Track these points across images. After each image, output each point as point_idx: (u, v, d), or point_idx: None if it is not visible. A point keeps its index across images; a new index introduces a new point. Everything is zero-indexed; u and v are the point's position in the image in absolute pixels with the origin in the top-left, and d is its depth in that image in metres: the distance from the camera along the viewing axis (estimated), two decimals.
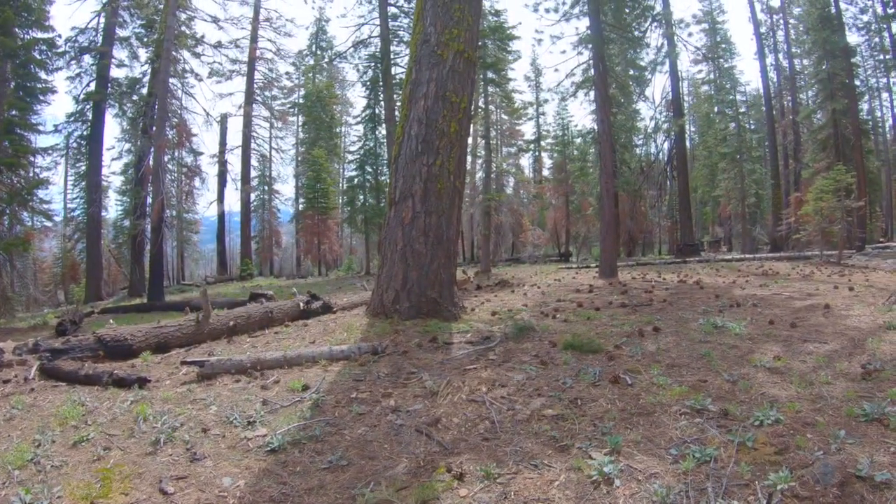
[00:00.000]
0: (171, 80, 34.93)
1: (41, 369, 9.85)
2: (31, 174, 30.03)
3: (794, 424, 5.35)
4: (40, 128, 30.34)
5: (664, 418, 5.73)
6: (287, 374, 8.18)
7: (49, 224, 39.41)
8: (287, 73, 53.71)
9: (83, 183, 45.34)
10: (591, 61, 28.62)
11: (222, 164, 48.75)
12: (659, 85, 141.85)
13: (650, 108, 47.16)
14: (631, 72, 34.93)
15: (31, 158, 29.87)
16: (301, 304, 13.68)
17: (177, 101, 38.23)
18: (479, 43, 24.20)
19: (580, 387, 6.67)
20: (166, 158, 34.79)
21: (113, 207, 52.83)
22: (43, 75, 30.16)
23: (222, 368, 8.41)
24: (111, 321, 13.62)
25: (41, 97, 30.01)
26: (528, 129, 60.50)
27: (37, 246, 41.06)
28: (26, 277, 31.95)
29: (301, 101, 56.60)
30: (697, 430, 5.38)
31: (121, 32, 39.55)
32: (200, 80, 40.74)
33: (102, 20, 38.07)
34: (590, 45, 27.88)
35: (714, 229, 64.48)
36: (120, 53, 40.19)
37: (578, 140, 54.70)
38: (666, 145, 46.94)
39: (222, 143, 49.87)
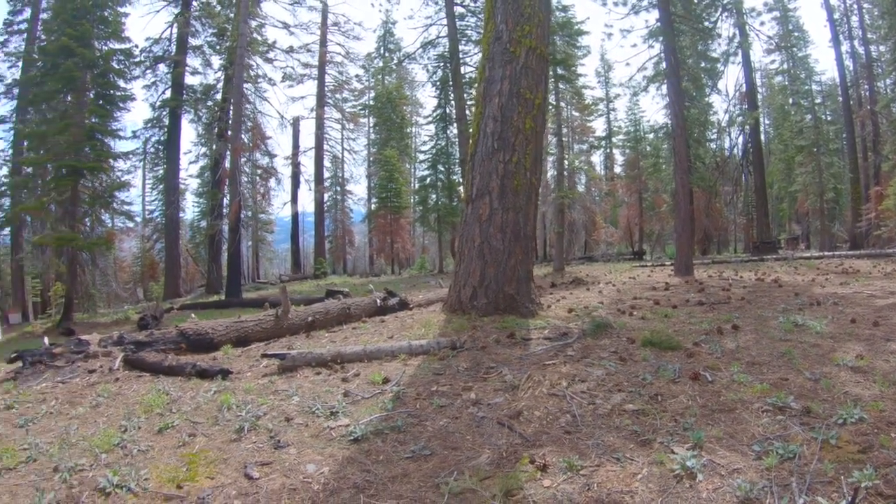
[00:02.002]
0: (245, 85, 35.58)
1: (125, 360, 10.22)
2: (112, 178, 31.04)
3: (878, 423, 5.19)
4: (120, 133, 31.32)
5: (745, 415, 5.62)
6: (367, 367, 8.26)
7: (131, 224, 41.00)
8: (357, 76, 54.17)
9: (161, 186, 46.71)
10: (662, 54, 28.27)
11: (295, 166, 49.44)
12: (731, 77, 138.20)
13: (724, 100, 46.28)
14: (702, 64, 34.36)
15: (112, 163, 30.94)
16: (378, 301, 13.78)
17: (251, 105, 38.95)
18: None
19: (660, 383, 6.59)
20: (242, 161, 35.38)
21: (190, 209, 54.31)
22: (122, 84, 31.23)
23: (303, 361, 8.56)
24: (192, 315, 13.94)
25: (121, 104, 31.06)
26: (598, 126, 59.97)
27: (117, 246, 42.46)
28: (108, 275, 32.96)
29: (371, 102, 57.16)
30: (780, 427, 5.27)
31: (193, 41, 40.93)
32: (273, 84, 41.62)
33: (175, 30, 39.39)
34: (660, 38, 27.51)
35: (791, 226, 62.93)
36: (193, 61, 41.67)
37: (651, 135, 53.74)
38: (740, 139, 46.05)
39: (295, 145, 50.68)
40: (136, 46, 35.85)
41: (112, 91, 29.42)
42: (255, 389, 7.58)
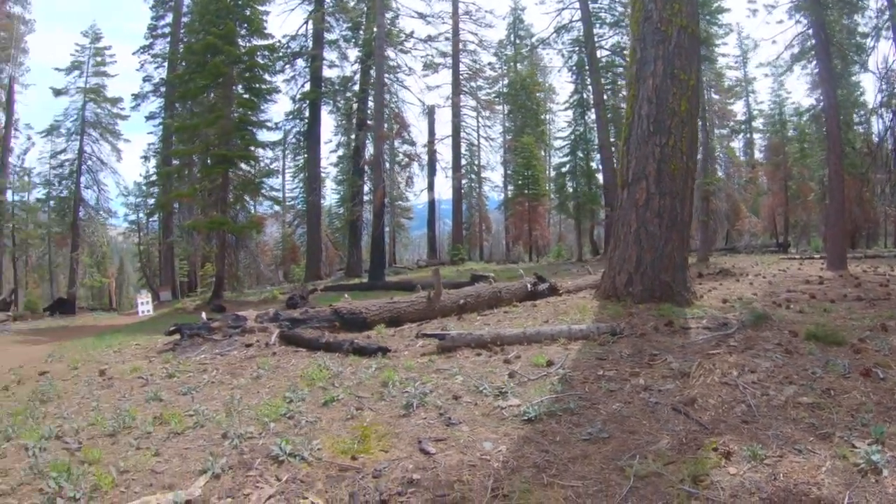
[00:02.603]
0: (385, 75, 36.10)
1: (281, 336, 10.57)
2: (260, 166, 32.31)
3: None
4: (268, 124, 32.52)
5: None
6: (526, 350, 8.15)
7: (278, 209, 42.47)
8: (489, 64, 53.64)
9: (302, 175, 48.20)
10: (810, 30, 26.76)
11: (431, 154, 49.82)
12: (881, 53, 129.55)
13: (876, 79, 43.44)
14: (850, 40, 32.50)
15: (261, 151, 32.17)
16: (528, 286, 13.65)
17: (391, 94, 39.54)
18: None
19: (830, 378, 6.19)
20: (385, 148, 35.99)
21: (329, 196, 55.71)
22: (266, 77, 32.54)
23: (462, 342, 8.54)
24: (346, 296, 14.30)
25: (267, 97, 32.47)
26: (737, 109, 57.37)
27: (264, 230, 44.06)
28: (256, 257, 34.23)
29: (505, 90, 56.89)
30: None
31: (328, 36, 41.92)
32: (411, 73, 42.27)
33: (310, 26, 40.41)
34: (806, 13, 26.06)
35: None
36: (330, 55, 42.73)
37: (795, 119, 51.25)
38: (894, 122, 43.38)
39: (430, 133, 50.95)
40: (280, 41, 37.01)
41: (258, 84, 30.75)
42: (415, 367, 7.69)
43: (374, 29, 37.41)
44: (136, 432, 5.93)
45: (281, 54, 37.68)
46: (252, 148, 30.75)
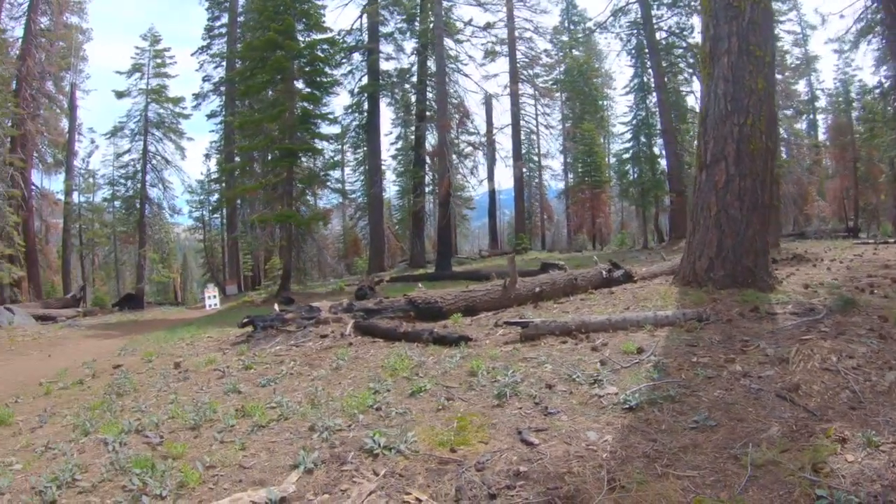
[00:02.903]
0: (446, 64, 36.12)
1: (356, 327, 10.52)
2: (325, 159, 32.63)
3: None
4: (330, 117, 32.57)
5: None
6: (612, 337, 7.91)
7: (342, 201, 42.99)
8: (545, 51, 53.03)
9: (361, 167, 48.59)
10: (877, 3, 25.82)
11: (490, 143, 49.59)
12: None
13: None
14: None
15: (326, 144, 32.44)
16: (603, 273, 13.35)
17: (452, 83, 39.51)
18: None
19: None
20: (451, 136, 36.02)
21: (388, 188, 55.98)
22: (328, 70, 32.46)
23: (546, 329, 8.33)
24: (419, 285, 14.23)
25: (329, 90, 32.60)
26: (799, 89, 55.51)
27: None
28: (323, 249, 34.56)
29: (562, 76, 56.30)
30: None
31: (383, 29, 42.08)
32: (467, 62, 42.16)
33: (365, 20, 40.71)
34: None
35: None
36: (386, 48, 42.84)
37: (862, 98, 49.21)
38: None
39: (489, 122, 50.67)
40: (339, 35, 37.24)
41: (320, 78, 30.77)
42: (500, 356, 7.50)
43: (432, 19, 37.63)
44: (218, 425, 5.90)
45: (339, 48, 37.81)
46: (316, 141, 30.99)
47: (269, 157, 31.04)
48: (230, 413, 6.20)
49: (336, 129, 39.41)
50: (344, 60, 40.54)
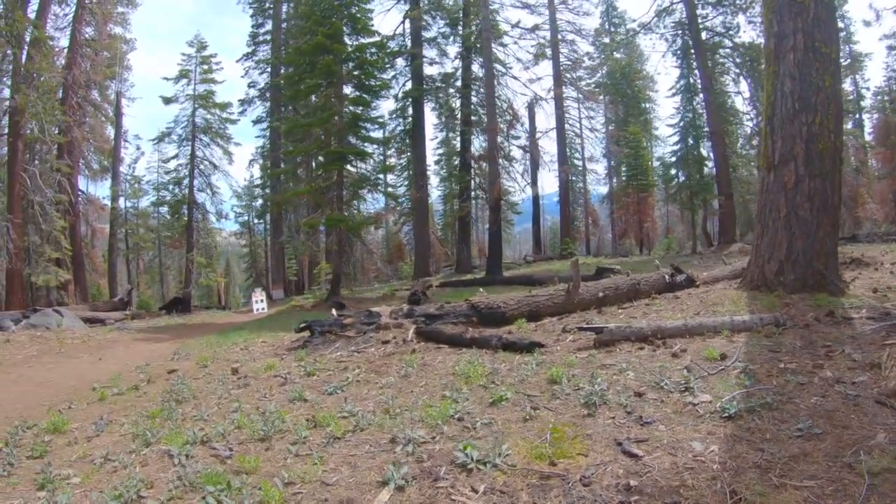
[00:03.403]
0: (496, 66, 36.10)
1: (420, 332, 10.36)
2: (376, 161, 32.72)
3: None
4: (380, 120, 32.65)
5: None
6: (689, 342, 7.72)
7: (392, 204, 43.21)
8: (587, 54, 52.78)
9: (406, 172, 48.67)
10: None
11: (534, 147, 49.34)
12: None
13: None
14: None
15: (376, 147, 32.38)
16: (666, 277, 13.05)
17: (500, 86, 39.53)
18: None
19: None
20: (499, 140, 36.04)
21: (431, 193, 55.92)
22: (376, 73, 32.36)
23: (621, 335, 8.10)
24: (480, 290, 14.03)
25: (378, 93, 32.73)
26: (847, 89, 54.06)
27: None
28: (374, 253, 34.63)
29: (605, 79, 55.91)
30: None
31: (426, 34, 42.14)
32: (511, 66, 42.08)
33: (408, 25, 41.07)
34: None
35: None
36: (429, 52, 42.88)
37: None
38: None
39: (531, 126, 50.44)
40: (389, 38, 37.39)
41: (370, 81, 30.80)
42: (577, 363, 7.31)
43: (478, 21, 37.84)
44: (289, 437, 5.74)
45: (387, 52, 37.92)
46: (366, 145, 31.06)
47: (318, 162, 31.13)
48: (301, 423, 6.04)
49: (380, 134, 39.65)
50: (388, 65, 40.67)
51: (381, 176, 31.81)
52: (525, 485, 4.24)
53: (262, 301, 30.30)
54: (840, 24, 50.29)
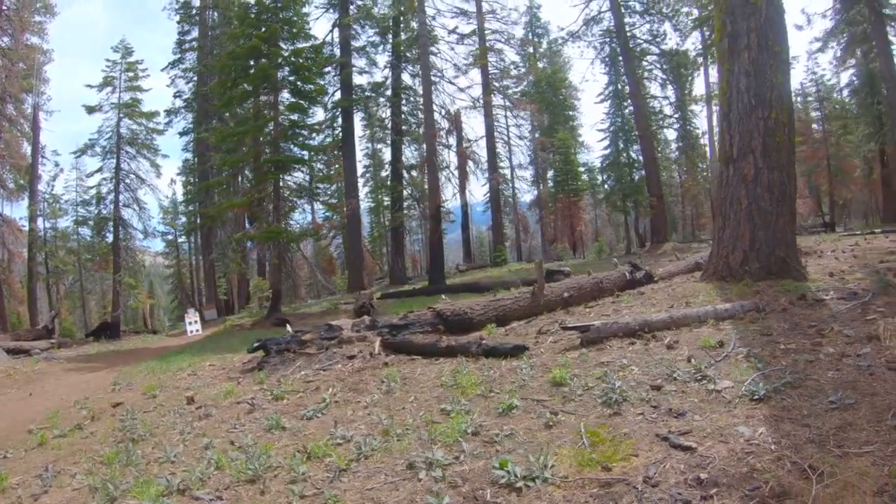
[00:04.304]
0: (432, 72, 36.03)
1: (388, 344, 9.95)
2: (314, 171, 31.65)
3: None
4: (317, 127, 31.87)
5: None
6: (678, 334, 7.64)
7: (328, 217, 42.44)
8: (513, 63, 53.30)
9: (334, 186, 47.92)
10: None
11: (462, 156, 49.35)
12: None
13: None
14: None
15: (314, 156, 31.43)
16: (627, 274, 13.16)
17: (438, 93, 39.67)
18: None
19: None
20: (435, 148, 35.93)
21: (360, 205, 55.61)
22: (314, 79, 31.63)
23: (608, 332, 7.94)
24: (443, 297, 13.80)
25: (316, 100, 31.99)
26: None
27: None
28: (315, 267, 33.90)
29: (531, 88, 56.41)
30: None
31: (355, 43, 41.79)
32: (445, 72, 41.94)
33: (337, 34, 40.60)
34: None
35: None
36: (358, 62, 42.57)
37: (833, 96, 49.76)
38: None
39: (459, 135, 50.51)
40: (327, 44, 37.10)
41: (307, 86, 29.83)
42: (571, 363, 7.04)
43: (410, 30, 38.16)
44: (284, 475, 5.02)
45: (324, 57, 37.40)
46: (304, 153, 29.96)
47: (253, 172, 29.99)
48: (293, 457, 5.28)
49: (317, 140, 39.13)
50: (324, 72, 40.29)
51: (319, 186, 30.71)
52: (588, 496, 3.91)
53: (196, 322, 29.19)
54: None
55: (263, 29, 26.90)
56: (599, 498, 3.86)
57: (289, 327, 12.78)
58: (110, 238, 40.40)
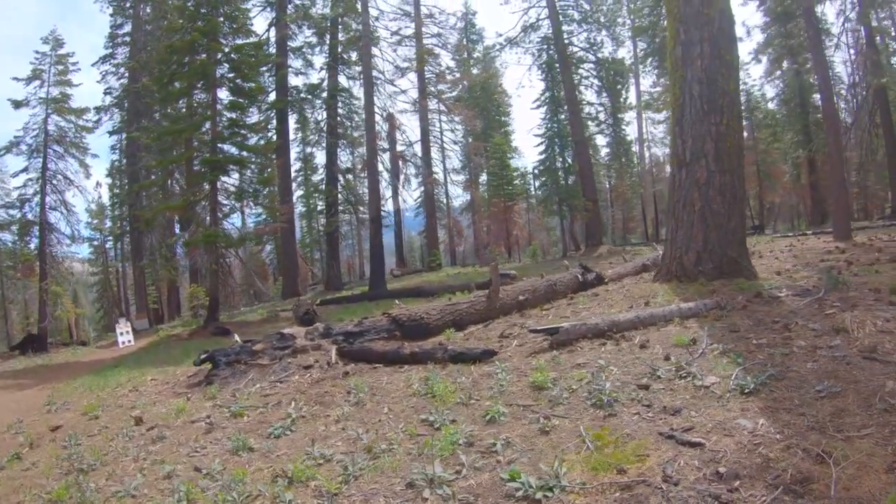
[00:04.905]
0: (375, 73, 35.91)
1: (346, 353, 9.68)
2: (254, 172, 30.42)
3: None
4: (257, 127, 31.09)
5: None
6: (646, 333, 7.75)
7: (264, 221, 41.29)
8: (448, 68, 53.36)
9: (266, 189, 47.07)
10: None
11: (394, 160, 49.19)
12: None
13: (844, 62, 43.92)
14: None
15: (254, 156, 30.27)
16: (579, 276, 13.46)
17: (378, 94, 39.13)
18: None
19: None
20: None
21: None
22: (255, 77, 30.73)
23: (577, 333, 7.97)
24: (397, 301, 13.65)
25: (256, 98, 31.02)
26: None
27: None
28: (252, 274, 33.10)
29: (465, 94, 56.62)
30: None
31: (292, 44, 41.21)
32: (383, 79, 41.70)
33: (273, 34, 39.80)
34: None
35: None
36: (294, 63, 41.97)
37: (763, 105, 51.41)
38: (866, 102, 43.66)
39: (391, 139, 50.37)
40: (268, 42, 36.36)
41: (247, 84, 28.59)
42: (546, 367, 6.92)
43: (351, 30, 38.16)
44: None
45: (265, 55, 36.70)
46: (244, 153, 28.61)
47: (188, 174, 28.85)
48: (271, 481, 4.88)
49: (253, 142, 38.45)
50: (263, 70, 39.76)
51: (259, 188, 29.72)
52: (613, 501, 3.81)
53: (127, 333, 27.63)
54: None
55: (202, 23, 25.93)
56: (625, 501, 3.78)
57: (236, 337, 12.24)
58: (35, 243, 37.94)
